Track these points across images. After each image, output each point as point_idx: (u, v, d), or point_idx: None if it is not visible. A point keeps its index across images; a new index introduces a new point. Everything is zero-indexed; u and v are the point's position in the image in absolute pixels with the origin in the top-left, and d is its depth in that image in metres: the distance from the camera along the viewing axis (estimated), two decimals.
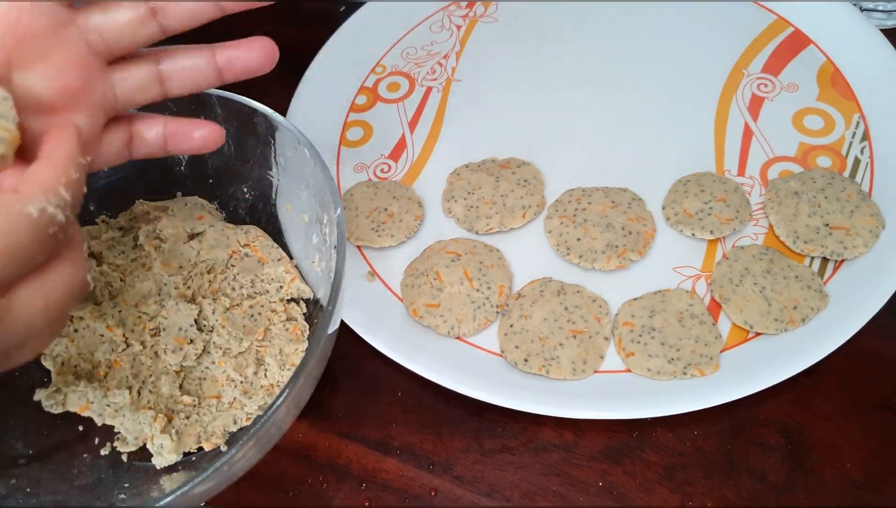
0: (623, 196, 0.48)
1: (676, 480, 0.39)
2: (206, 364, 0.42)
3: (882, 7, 0.55)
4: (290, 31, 0.64)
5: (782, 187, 0.46)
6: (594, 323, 0.43)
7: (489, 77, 0.56)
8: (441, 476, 0.40)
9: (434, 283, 0.45)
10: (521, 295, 0.45)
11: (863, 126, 0.49)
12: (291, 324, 0.43)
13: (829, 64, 0.53)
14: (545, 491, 0.39)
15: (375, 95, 0.57)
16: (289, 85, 0.56)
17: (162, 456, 0.39)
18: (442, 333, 0.44)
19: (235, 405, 0.41)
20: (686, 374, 0.40)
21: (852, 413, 0.40)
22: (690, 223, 0.46)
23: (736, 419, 0.40)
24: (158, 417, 0.40)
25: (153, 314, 0.43)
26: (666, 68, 0.55)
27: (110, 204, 0.46)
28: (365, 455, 0.42)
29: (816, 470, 0.38)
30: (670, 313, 0.43)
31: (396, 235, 0.48)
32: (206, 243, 0.44)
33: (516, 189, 0.49)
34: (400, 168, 0.52)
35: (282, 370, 0.41)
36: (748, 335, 0.42)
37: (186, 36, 0.35)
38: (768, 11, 0.56)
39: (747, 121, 0.51)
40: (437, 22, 0.61)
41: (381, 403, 0.43)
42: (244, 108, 0.43)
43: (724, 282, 0.43)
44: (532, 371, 0.42)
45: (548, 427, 0.41)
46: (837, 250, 0.43)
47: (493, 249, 0.47)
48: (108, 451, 0.40)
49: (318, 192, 0.40)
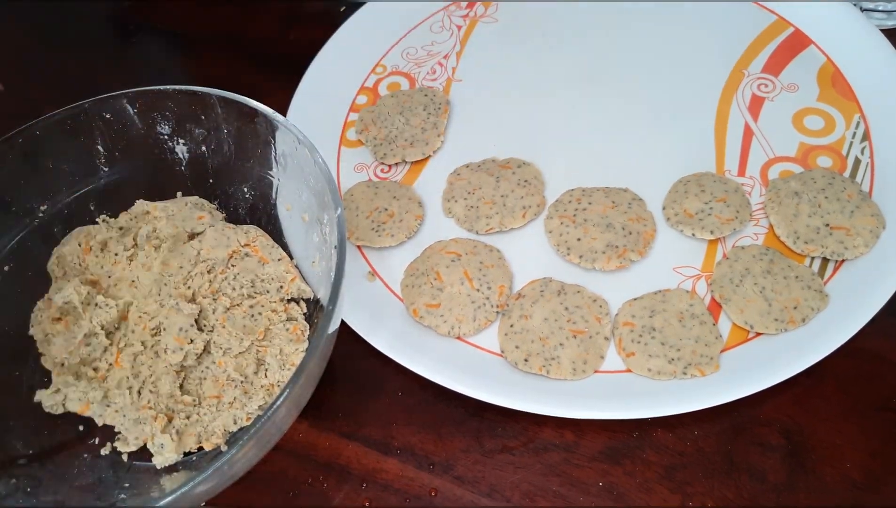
0: (623, 196, 0.48)
1: (677, 480, 0.39)
2: (206, 364, 0.42)
3: (882, 7, 0.55)
4: (290, 31, 0.65)
5: (783, 188, 0.46)
6: (594, 323, 0.43)
7: (489, 77, 0.56)
8: (441, 476, 0.40)
9: (434, 283, 0.45)
10: (521, 295, 0.45)
11: (863, 126, 0.49)
12: (292, 324, 0.43)
13: (830, 64, 0.53)
14: (545, 491, 0.39)
15: (375, 95, 0.57)
16: (289, 85, 0.56)
17: (162, 456, 0.39)
18: (442, 333, 0.44)
19: (236, 405, 0.41)
20: (686, 374, 0.40)
21: (852, 414, 0.40)
22: (691, 223, 0.46)
23: (736, 420, 0.40)
24: (159, 417, 0.40)
25: (153, 314, 0.42)
26: (666, 68, 0.55)
27: (110, 204, 0.46)
28: (365, 455, 0.42)
29: (817, 471, 0.38)
30: (671, 313, 0.43)
31: (397, 235, 0.48)
32: (206, 243, 0.44)
33: (516, 189, 0.49)
34: (400, 168, 0.52)
35: (282, 369, 0.41)
36: (748, 335, 0.42)
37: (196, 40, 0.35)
38: (768, 11, 0.56)
39: (747, 121, 0.51)
40: (437, 22, 0.61)
41: (381, 403, 0.43)
42: (245, 108, 0.43)
43: (725, 282, 0.43)
44: (532, 371, 0.42)
45: (548, 427, 0.41)
46: (838, 251, 0.43)
47: (493, 249, 0.47)
48: (108, 451, 0.40)
49: (319, 192, 0.40)
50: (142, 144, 0.46)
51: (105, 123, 0.45)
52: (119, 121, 0.45)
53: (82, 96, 0.44)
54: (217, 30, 0.66)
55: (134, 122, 0.45)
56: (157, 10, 0.69)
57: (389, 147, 0.52)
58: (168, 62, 0.66)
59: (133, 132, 0.45)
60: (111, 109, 0.44)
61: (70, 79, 0.64)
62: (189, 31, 0.66)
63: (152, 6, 0.69)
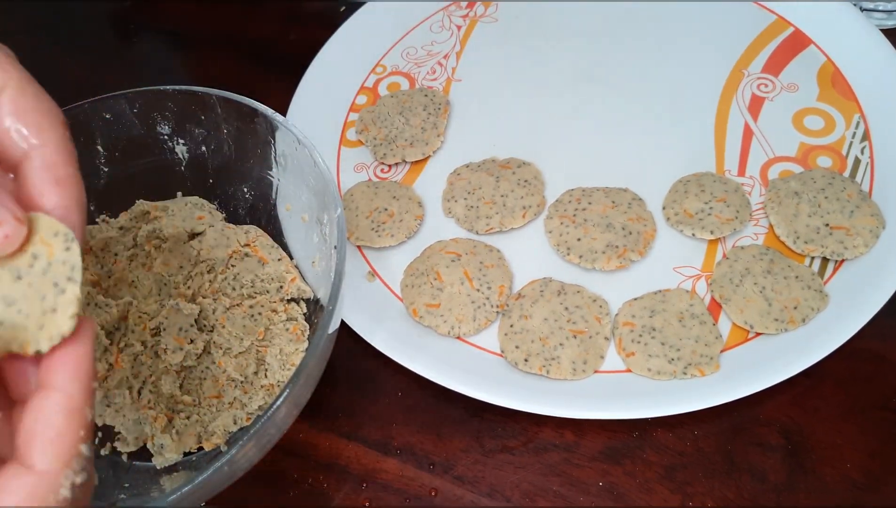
0: (623, 196, 0.48)
1: (677, 480, 0.39)
2: (206, 364, 0.42)
3: (882, 7, 0.55)
4: (290, 31, 0.65)
5: (782, 187, 0.46)
6: (594, 323, 0.43)
7: (489, 77, 0.56)
8: (441, 477, 0.40)
9: (434, 283, 0.45)
10: (521, 295, 0.45)
11: (863, 126, 0.49)
12: (292, 324, 0.43)
13: (830, 64, 0.53)
14: (545, 492, 0.39)
15: (375, 95, 0.57)
16: (289, 85, 0.56)
17: (162, 456, 0.39)
18: (442, 333, 0.44)
19: (236, 405, 0.41)
20: (686, 374, 0.40)
21: (852, 414, 0.40)
22: (691, 223, 0.46)
23: (736, 420, 0.40)
24: (159, 417, 0.40)
25: (153, 314, 0.42)
26: (666, 68, 0.55)
27: (110, 204, 0.46)
28: (365, 454, 0.42)
29: (817, 471, 0.38)
30: (671, 313, 0.43)
31: (396, 235, 0.48)
32: (206, 243, 0.44)
33: (516, 189, 0.49)
34: (400, 168, 0.52)
35: (282, 369, 0.41)
36: (748, 335, 0.42)
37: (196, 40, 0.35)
38: (768, 11, 0.56)
39: (747, 121, 0.51)
40: (437, 22, 0.61)
41: (381, 403, 0.43)
42: (244, 108, 0.43)
43: (725, 282, 0.43)
44: (532, 371, 0.42)
45: (548, 427, 0.41)
46: (838, 250, 0.43)
47: (493, 249, 0.47)
48: (107, 451, 0.40)
49: (319, 192, 0.40)
50: (141, 145, 0.46)
51: (105, 123, 0.45)
52: (118, 121, 0.45)
53: (83, 96, 0.44)
54: (217, 30, 0.66)
55: (133, 122, 0.45)
56: (158, 10, 0.69)
57: (389, 147, 0.52)
58: (168, 62, 0.66)
59: (133, 132, 0.45)
60: (111, 109, 0.44)
61: (70, 79, 0.64)
62: (189, 31, 0.66)
63: (153, 6, 0.69)
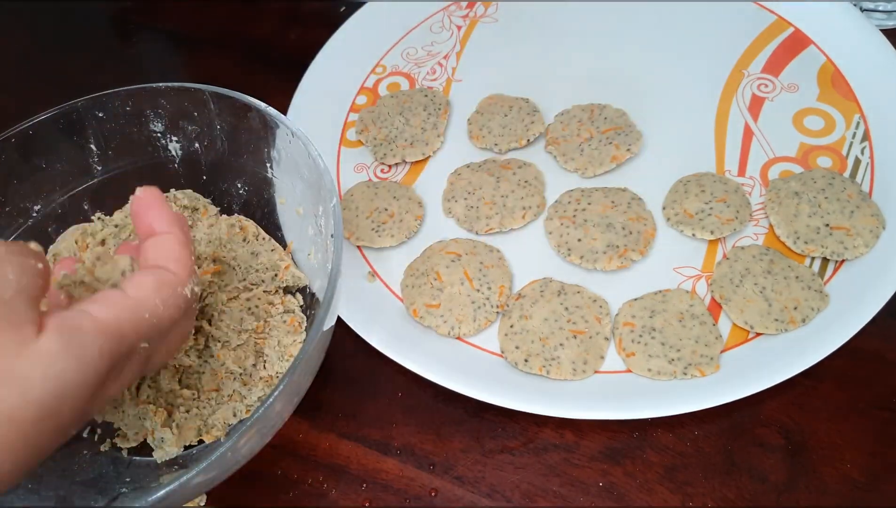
0: (622, 196, 0.48)
1: (677, 480, 0.39)
2: (205, 357, 0.42)
3: (882, 7, 0.55)
4: (290, 31, 0.65)
5: (783, 188, 0.46)
6: (594, 323, 0.43)
7: (489, 77, 0.56)
8: (441, 477, 0.40)
9: (434, 283, 0.45)
10: (521, 295, 0.45)
11: (863, 126, 0.49)
12: (289, 316, 0.43)
13: (830, 64, 0.53)
14: (545, 492, 0.39)
15: (375, 96, 0.57)
16: (289, 85, 0.56)
17: (163, 450, 0.39)
18: (442, 333, 0.44)
19: (235, 398, 0.41)
20: (686, 374, 0.40)
21: (852, 414, 0.40)
22: (691, 223, 0.46)
23: (736, 420, 0.40)
24: (158, 411, 0.40)
25: None
26: (666, 68, 0.55)
27: (104, 203, 0.46)
28: (365, 455, 0.42)
29: (817, 470, 0.38)
30: (671, 313, 0.43)
31: (397, 235, 0.48)
32: (197, 236, 0.45)
33: (517, 190, 0.49)
34: (400, 168, 0.52)
35: (281, 361, 0.41)
36: (748, 335, 0.42)
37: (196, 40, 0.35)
38: (768, 11, 0.56)
39: (748, 121, 0.51)
40: (437, 22, 0.61)
41: (381, 403, 0.43)
42: (238, 103, 0.43)
43: (725, 282, 0.43)
44: (532, 372, 0.42)
45: (548, 428, 0.41)
46: (838, 251, 0.43)
47: (493, 249, 0.47)
48: (108, 447, 0.40)
49: (313, 183, 0.40)
50: (135, 142, 0.46)
51: (98, 122, 0.45)
52: (112, 119, 0.45)
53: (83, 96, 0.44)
54: (217, 30, 0.66)
55: (127, 120, 0.45)
56: (158, 10, 0.69)
57: (389, 147, 0.52)
58: (168, 62, 0.66)
59: (126, 130, 0.45)
60: (104, 108, 0.44)
61: (70, 79, 0.64)
62: (189, 31, 0.66)
63: (153, 6, 0.69)
